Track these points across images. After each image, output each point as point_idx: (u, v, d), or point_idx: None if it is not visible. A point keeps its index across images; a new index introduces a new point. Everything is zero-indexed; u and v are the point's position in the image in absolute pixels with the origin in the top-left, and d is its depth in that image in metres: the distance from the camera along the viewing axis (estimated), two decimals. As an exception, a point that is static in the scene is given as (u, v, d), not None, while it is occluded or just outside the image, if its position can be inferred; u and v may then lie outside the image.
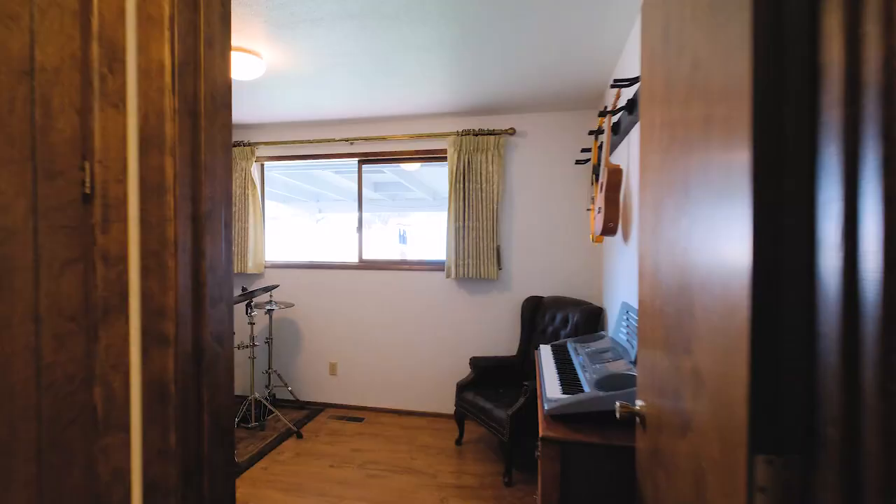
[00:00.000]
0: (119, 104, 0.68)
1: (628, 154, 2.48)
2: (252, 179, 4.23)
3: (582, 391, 1.97)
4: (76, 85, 0.66)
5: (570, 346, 2.66)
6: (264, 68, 2.81)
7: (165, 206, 0.68)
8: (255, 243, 4.29)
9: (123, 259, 0.68)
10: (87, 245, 0.66)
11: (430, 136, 3.95)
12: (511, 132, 3.77)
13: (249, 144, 4.24)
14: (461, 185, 3.81)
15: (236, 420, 3.63)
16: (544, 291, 3.80)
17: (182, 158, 0.70)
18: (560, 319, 3.43)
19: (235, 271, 4.31)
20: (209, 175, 0.74)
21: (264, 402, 3.72)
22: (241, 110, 3.76)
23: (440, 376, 4.04)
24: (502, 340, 3.90)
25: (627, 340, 2.34)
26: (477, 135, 3.77)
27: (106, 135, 0.68)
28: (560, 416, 1.83)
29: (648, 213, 1.40)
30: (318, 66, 2.83)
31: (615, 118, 2.39)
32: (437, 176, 4.59)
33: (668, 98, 1.16)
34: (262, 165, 4.45)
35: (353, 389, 4.24)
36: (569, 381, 2.14)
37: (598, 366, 2.13)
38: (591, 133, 2.67)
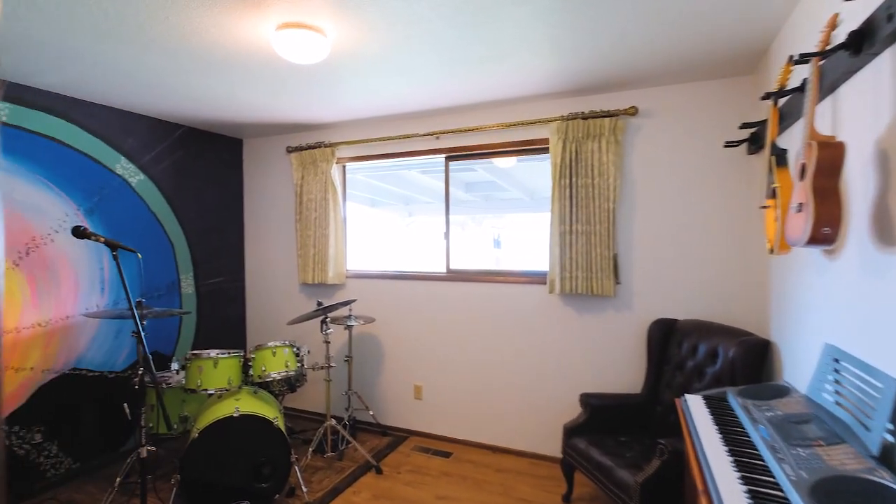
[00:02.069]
0: None
1: (833, 121, 1.65)
2: (332, 183, 3.90)
3: (782, 497, 1.22)
4: None
5: (736, 402, 1.86)
6: (329, 48, 2.37)
7: None
8: (336, 252, 3.95)
9: None
10: None
11: (527, 123, 3.30)
12: (632, 112, 3.00)
13: (329, 145, 3.92)
14: (567, 181, 3.12)
15: (310, 449, 3.28)
16: (679, 313, 2.97)
17: None
18: (705, 352, 2.60)
19: (314, 282, 4.01)
20: None
21: (341, 430, 3.34)
22: (317, 108, 3.42)
23: (542, 411, 3.37)
24: (621, 373, 3.13)
25: (838, 404, 1.52)
26: (587, 118, 3.06)
27: None
28: (755, 550, 1.11)
29: None
30: (391, 41, 2.33)
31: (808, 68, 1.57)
32: (536, 172, 3.94)
33: None
34: (344, 167, 4.12)
35: (441, 417, 3.72)
36: (750, 469, 1.39)
37: (802, 452, 1.35)
38: (766, 97, 1.86)
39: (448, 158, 3.70)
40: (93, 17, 2.06)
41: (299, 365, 3.14)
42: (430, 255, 4.05)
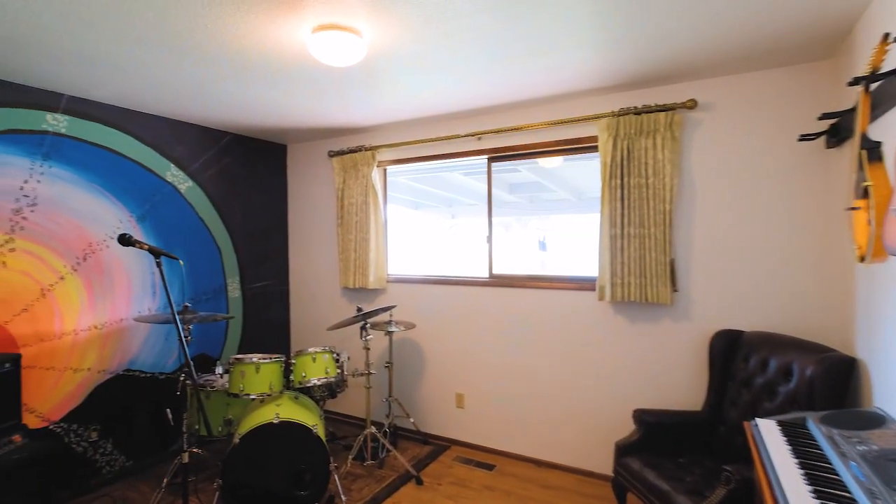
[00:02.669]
0: None
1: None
2: (373, 186, 3.86)
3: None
4: None
5: (818, 431, 1.64)
6: (366, 49, 2.31)
7: None
8: (377, 256, 3.91)
9: None
10: None
11: (575, 120, 3.13)
12: (690, 105, 2.76)
13: (370, 149, 3.89)
14: (618, 181, 2.92)
15: (350, 456, 3.24)
16: (744, 324, 2.70)
17: None
18: (776, 369, 2.34)
19: (355, 286, 3.99)
20: None
21: (381, 438, 3.28)
22: (356, 111, 3.38)
23: (591, 425, 3.18)
24: (678, 388, 2.89)
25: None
26: (640, 113, 2.85)
27: None
28: None
29: None
30: (428, 39, 2.24)
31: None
32: (583, 171, 3.74)
33: None
34: (385, 170, 4.08)
35: (483, 427, 3.59)
36: (843, 518, 1.18)
37: (910, 501, 1.14)
38: (855, 81, 1.61)
39: (490, 159, 3.57)
40: (136, 29, 2.09)
41: (339, 371, 3.10)
42: (473, 258, 3.94)
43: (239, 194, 4.07)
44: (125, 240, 2.08)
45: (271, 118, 3.58)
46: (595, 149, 3.15)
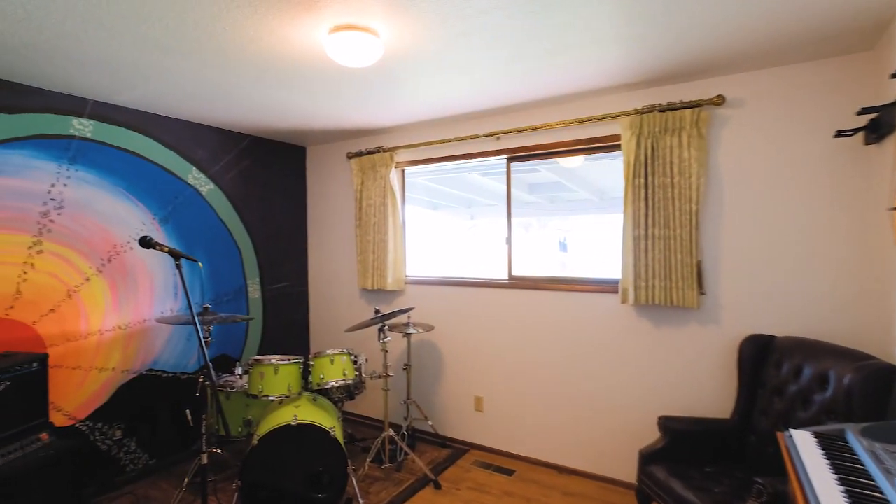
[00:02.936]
0: None
1: None
2: (391, 187, 3.85)
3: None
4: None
5: (859, 445, 1.54)
6: (382, 50, 2.29)
7: None
8: (395, 257, 3.89)
9: None
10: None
11: (596, 118, 3.05)
12: (718, 102, 2.66)
13: (388, 150, 3.87)
14: (641, 180, 2.83)
15: (368, 459, 3.23)
16: (776, 329, 2.59)
17: None
18: (811, 376, 2.23)
19: (373, 288, 3.98)
20: None
21: (398, 440, 3.26)
22: (374, 112, 3.37)
23: (614, 431, 3.09)
24: (706, 395, 2.79)
25: None
26: (665, 110, 2.76)
27: None
28: None
29: None
30: (446, 38, 2.20)
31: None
32: (605, 171, 3.66)
33: None
34: (403, 171, 4.06)
35: (503, 431, 3.54)
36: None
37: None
38: (898, 72, 1.52)
39: (509, 159, 3.52)
40: (155, 34, 2.11)
41: (357, 373, 3.09)
42: (492, 259, 3.89)
43: (259, 196, 4.10)
44: (146, 242, 2.10)
45: (290, 120, 3.60)
46: (617, 147, 3.07)
